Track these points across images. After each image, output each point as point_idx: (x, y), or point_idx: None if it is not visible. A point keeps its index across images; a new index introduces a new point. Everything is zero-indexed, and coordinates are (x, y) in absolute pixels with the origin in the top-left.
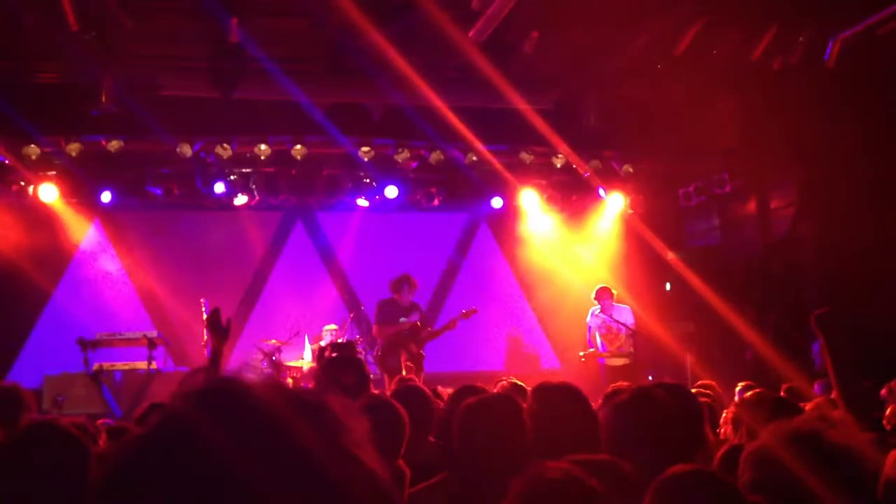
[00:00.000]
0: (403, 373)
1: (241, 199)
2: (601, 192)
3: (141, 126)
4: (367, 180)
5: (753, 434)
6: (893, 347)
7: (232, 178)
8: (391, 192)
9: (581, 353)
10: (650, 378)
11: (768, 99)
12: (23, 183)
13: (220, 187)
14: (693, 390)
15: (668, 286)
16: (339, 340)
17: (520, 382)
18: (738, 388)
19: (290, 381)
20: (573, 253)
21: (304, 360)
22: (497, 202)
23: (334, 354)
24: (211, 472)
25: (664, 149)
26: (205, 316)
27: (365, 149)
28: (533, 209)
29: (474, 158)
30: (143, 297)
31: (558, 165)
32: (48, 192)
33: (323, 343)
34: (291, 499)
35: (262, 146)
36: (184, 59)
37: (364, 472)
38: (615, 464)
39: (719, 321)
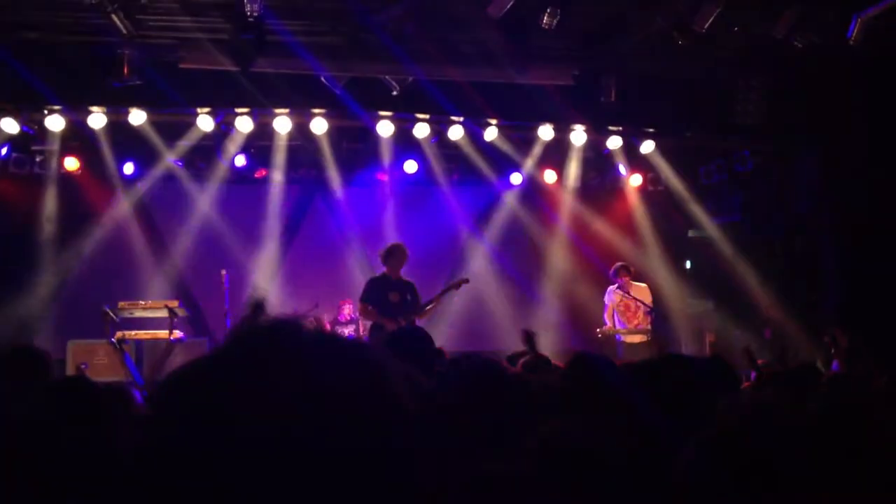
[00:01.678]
0: None
1: (260, 172)
2: (621, 168)
3: (162, 98)
4: (387, 155)
5: None
6: None
7: (252, 151)
8: (410, 166)
9: (598, 331)
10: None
11: (791, 76)
12: (47, 153)
13: (240, 160)
14: None
15: (687, 264)
16: None
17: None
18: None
19: None
20: (591, 230)
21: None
22: (516, 178)
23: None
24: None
25: (685, 126)
26: (225, 286)
27: (384, 123)
28: (552, 186)
29: (494, 134)
30: (164, 267)
31: (577, 142)
32: (71, 163)
33: (341, 318)
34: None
35: (283, 119)
36: (205, 31)
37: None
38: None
39: (739, 299)
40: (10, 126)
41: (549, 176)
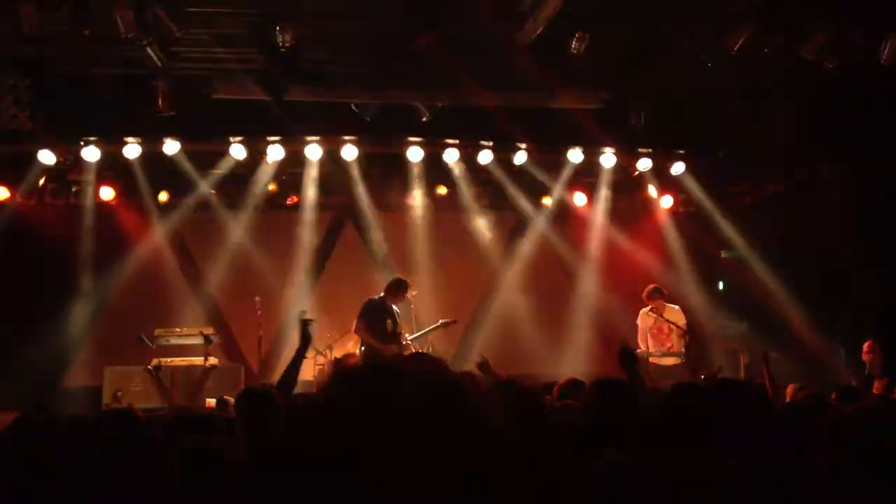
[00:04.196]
0: None
1: (292, 199)
2: (652, 191)
3: (196, 128)
4: (417, 180)
5: None
6: None
7: (284, 178)
8: (440, 191)
9: None
10: (702, 378)
11: (822, 97)
12: (83, 184)
13: (272, 187)
14: None
15: (720, 286)
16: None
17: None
18: (789, 390)
19: None
20: (623, 252)
21: (355, 358)
22: (547, 201)
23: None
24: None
25: (716, 147)
26: (258, 312)
27: (414, 149)
28: (582, 209)
29: (523, 158)
30: (198, 294)
31: (608, 165)
32: (107, 193)
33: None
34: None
35: (313, 146)
36: (237, 62)
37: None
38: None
39: (774, 321)
40: (47, 157)
41: (580, 199)
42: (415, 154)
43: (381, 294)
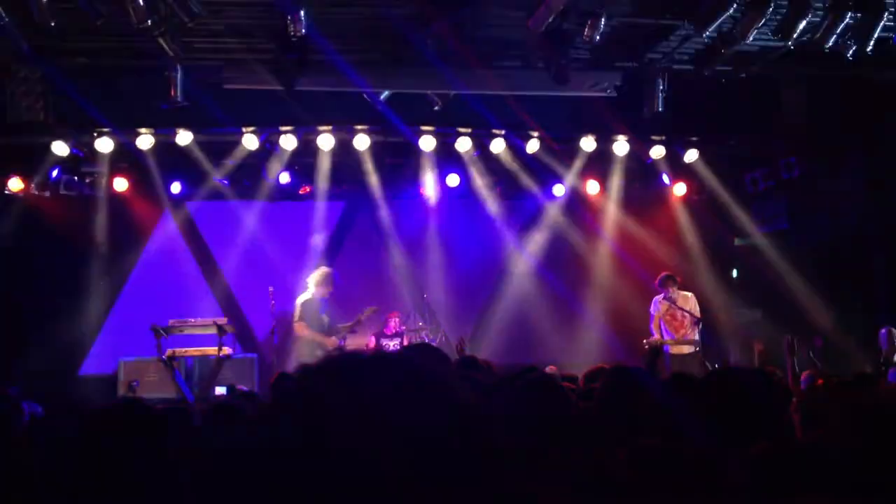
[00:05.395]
0: None
1: (305, 189)
2: (665, 178)
3: (208, 118)
4: (429, 169)
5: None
6: None
7: (296, 168)
8: (452, 180)
9: (645, 342)
10: (716, 366)
11: (835, 81)
12: (96, 175)
13: (284, 177)
14: None
15: (734, 273)
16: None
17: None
18: (803, 377)
19: None
20: (636, 240)
21: (368, 347)
22: (559, 190)
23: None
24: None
25: (730, 134)
26: (272, 303)
27: (426, 137)
28: (595, 197)
29: (536, 146)
30: (212, 285)
31: (621, 152)
32: (120, 184)
33: (387, 331)
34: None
35: (326, 136)
36: (249, 52)
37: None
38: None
39: (787, 308)
40: (61, 148)
41: (592, 187)
42: (427, 143)
43: (311, 290)
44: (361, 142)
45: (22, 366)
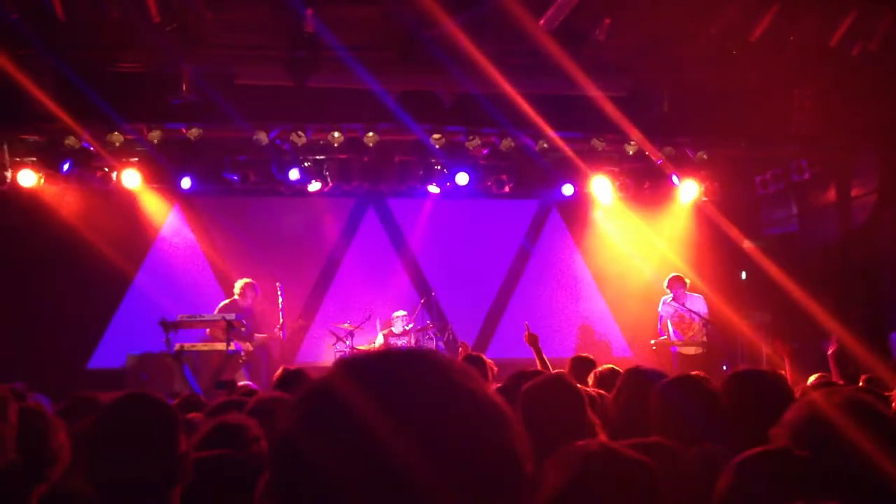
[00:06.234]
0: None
1: (314, 186)
2: (674, 179)
3: (219, 114)
4: (439, 167)
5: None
6: None
7: (306, 164)
8: (462, 178)
9: (652, 342)
10: (724, 368)
11: (847, 85)
12: (106, 169)
13: (294, 174)
14: None
15: (743, 275)
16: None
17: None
18: (810, 381)
19: None
20: (645, 241)
21: (376, 344)
22: (568, 189)
23: None
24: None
25: (740, 136)
26: (280, 299)
27: (436, 136)
28: (604, 197)
29: (545, 146)
30: (220, 280)
31: (631, 153)
32: (130, 178)
33: (394, 329)
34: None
35: (336, 133)
36: (260, 48)
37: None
38: (666, 445)
39: (797, 311)
40: (71, 143)
41: (602, 187)
42: (437, 141)
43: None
44: (371, 139)
45: (30, 358)
